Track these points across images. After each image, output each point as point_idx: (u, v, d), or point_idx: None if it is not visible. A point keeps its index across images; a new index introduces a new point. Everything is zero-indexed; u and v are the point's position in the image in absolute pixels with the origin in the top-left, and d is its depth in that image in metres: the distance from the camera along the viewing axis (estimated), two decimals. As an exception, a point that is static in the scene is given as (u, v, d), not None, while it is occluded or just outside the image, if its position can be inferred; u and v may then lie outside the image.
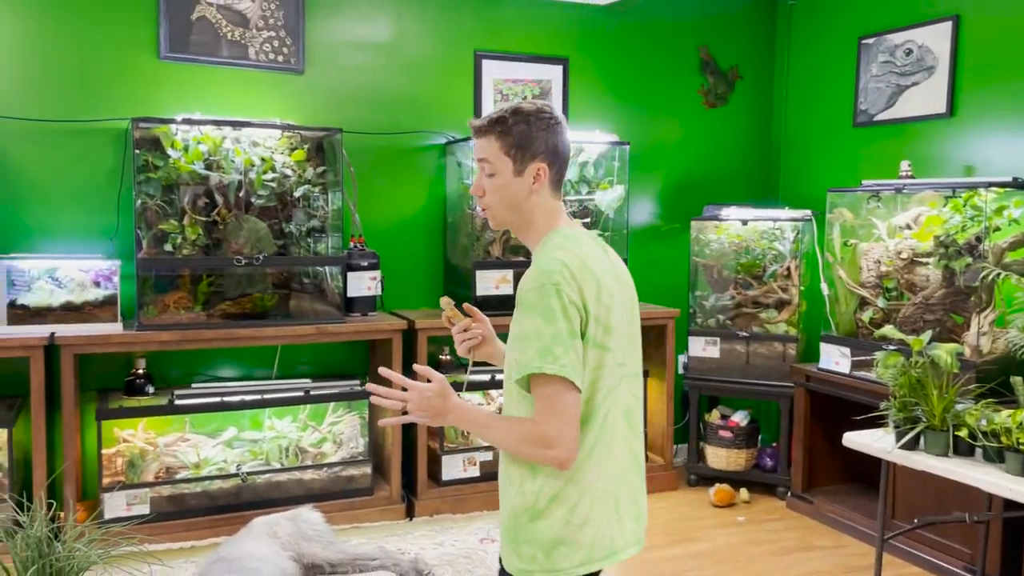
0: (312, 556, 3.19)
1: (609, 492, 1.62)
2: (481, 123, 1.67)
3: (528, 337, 1.53)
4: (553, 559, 1.57)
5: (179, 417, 3.68)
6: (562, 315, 1.52)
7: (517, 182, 1.65)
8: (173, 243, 3.48)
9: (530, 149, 1.64)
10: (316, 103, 3.97)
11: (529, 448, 1.54)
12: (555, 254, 1.58)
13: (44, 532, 1.32)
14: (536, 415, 1.53)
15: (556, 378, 1.51)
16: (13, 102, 3.50)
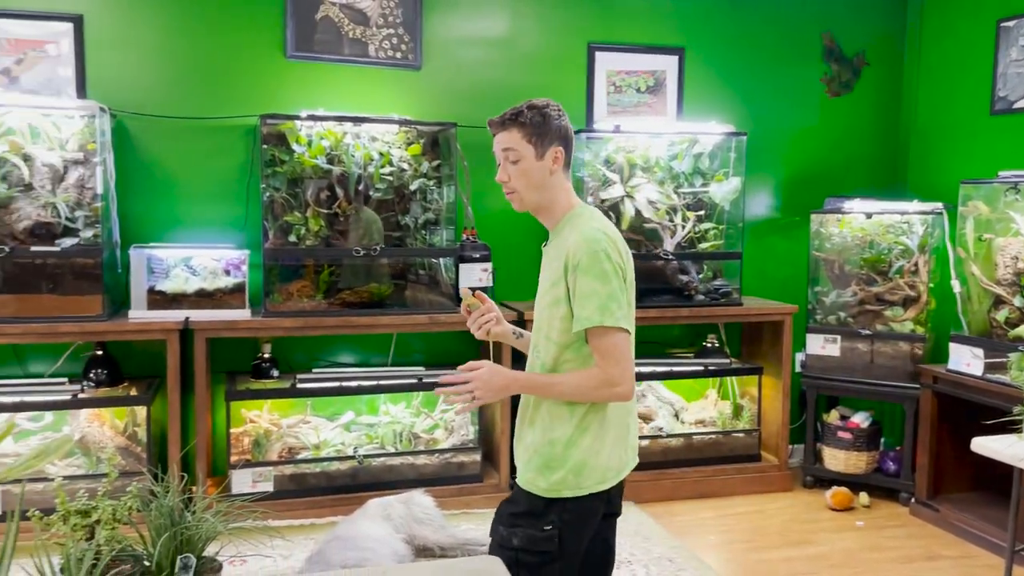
0: (423, 539, 3.28)
1: (622, 423, 1.97)
2: (502, 118, 1.94)
3: (587, 296, 1.83)
4: (580, 479, 1.89)
5: (301, 400, 3.86)
6: (614, 275, 1.84)
7: (539, 165, 1.93)
8: (297, 234, 3.64)
9: (547, 135, 1.92)
10: (432, 98, 4.06)
11: (600, 391, 1.86)
12: (593, 224, 1.90)
13: (176, 502, 1.42)
14: (601, 362, 1.85)
15: (614, 329, 1.83)
16: (154, 101, 3.75)
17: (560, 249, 1.93)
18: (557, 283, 1.91)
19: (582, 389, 1.87)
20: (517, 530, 1.92)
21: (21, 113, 3.36)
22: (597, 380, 1.85)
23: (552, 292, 1.93)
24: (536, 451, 1.94)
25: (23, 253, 3.30)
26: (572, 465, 1.89)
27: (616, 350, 1.84)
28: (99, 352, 3.60)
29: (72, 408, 3.47)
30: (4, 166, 3.32)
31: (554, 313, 1.92)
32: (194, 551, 1.42)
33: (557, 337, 1.93)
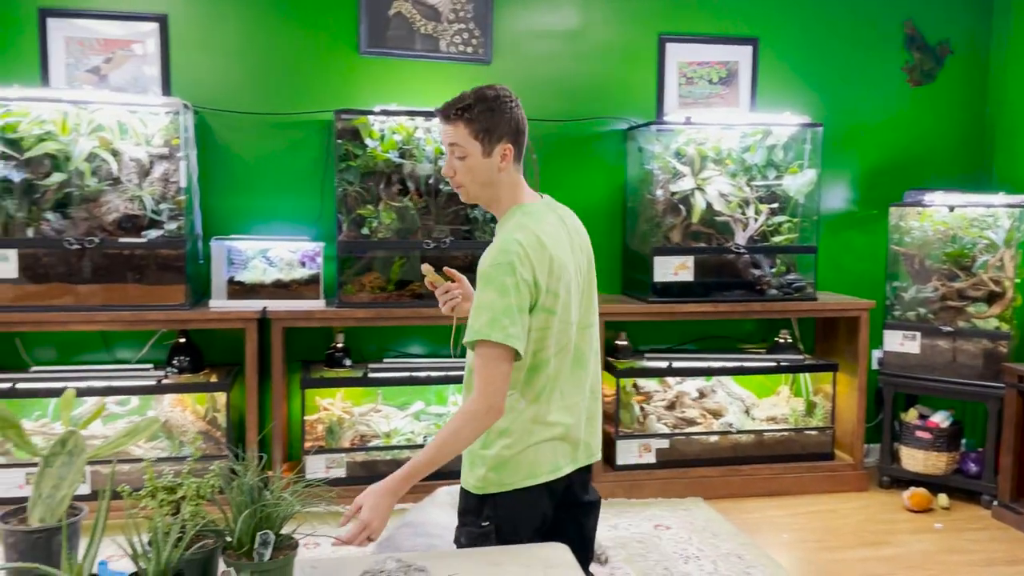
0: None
1: (558, 423, 1.88)
2: (448, 110, 1.83)
3: (482, 307, 1.74)
4: (503, 475, 1.85)
5: (372, 389, 3.94)
6: (514, 291, 1.73)
7: (486, 163, 1.83)
8: (369, 226, 3.71)
9: (496, 132, 1.82)
10: (502, 92, 4.08)
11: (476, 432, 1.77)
12: (515, 235, 1.78)
13: (256, 481, 1.48)
14: (478, 382, 1.74)
15: (499, 346, 1.72)
16: (234, 97, 3.87)
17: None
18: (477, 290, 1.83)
19: (460, 445, 1.77)
20: (463, 529, 1.91)
21: (110, 110, 3.52)
22: (468, 428, 1.75)
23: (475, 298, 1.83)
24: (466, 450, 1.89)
25: (112, 244, 3.46)
26: (491, 463, 1.84)
27: (491, 370, 1.73)
28: (182, 340, 3.74)
29: (157, 393, 3.62)
30: (94, 161, 3.48)
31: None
32: (273, 529, 1.47)
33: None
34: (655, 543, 3.40)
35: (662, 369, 4.01)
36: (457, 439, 1.76)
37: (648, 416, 4.03)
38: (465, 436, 1.76)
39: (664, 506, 3.79)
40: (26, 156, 3.39)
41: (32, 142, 3.40)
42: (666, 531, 3.52)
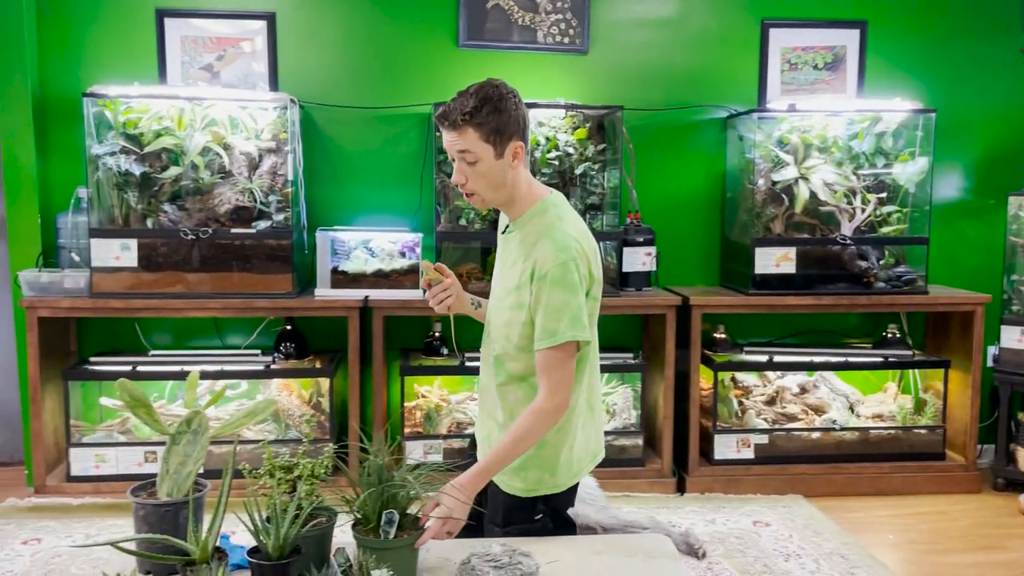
0: (585, 517, 3.32)
1: (593, 410, 1.96)
2: (453, 116, 1.76)
3: (558, 309, 1.76)
4: (556, 478, 1.89)
5: (468, 377, 3.99)
6: (580, 287, 1.78)
7: (499, 164, 1.79)
8: (466, 218, 3.76)
9: (506, 132, 1.77)
10: (598, 82, 4.07)
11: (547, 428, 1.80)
12: (566, 229, 1.81)
13: (384, 462, 1.53)
14: (549, 381, 1.77)
15: (572, 344, 1.77)
16: (337, 92, 3.97)
17: (527, 247, 1.83)
18: (522, 287, 1.83)
19: (531, 432, 1.78)
20: (511, 528, 1.89)
21: (223, 106, 3.67)
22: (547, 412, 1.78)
23: (516, 295, 1.84)
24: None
25: (224, 235, 3.61)
26: (546, 465, 1.87)
27: (566, 368, 1.78)
28: (288, 327, 3.88)
29: (265, 378, 3.77)
30: (208, 155, 3.64)
31: (516, 316, 1.85)
32: (397, 509, 1.52)
33: (516, 341, 1.86)
34: (754, 539, 3.34)
35: (763, 363, 3.93)
36: (530, 436, 1.79)
37: (747, 411, 3.95)
38: (537, 433, 1.79)
39: (763, 502, 3.72)
40: (145, 151, 3.57)
41: (151, 137, 3.58)
42: (765, 528, 3.45)
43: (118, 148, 3.54)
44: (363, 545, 1.53)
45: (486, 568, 1.52)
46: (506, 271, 1.92)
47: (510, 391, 1.91)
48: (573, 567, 1.63)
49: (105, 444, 3.63)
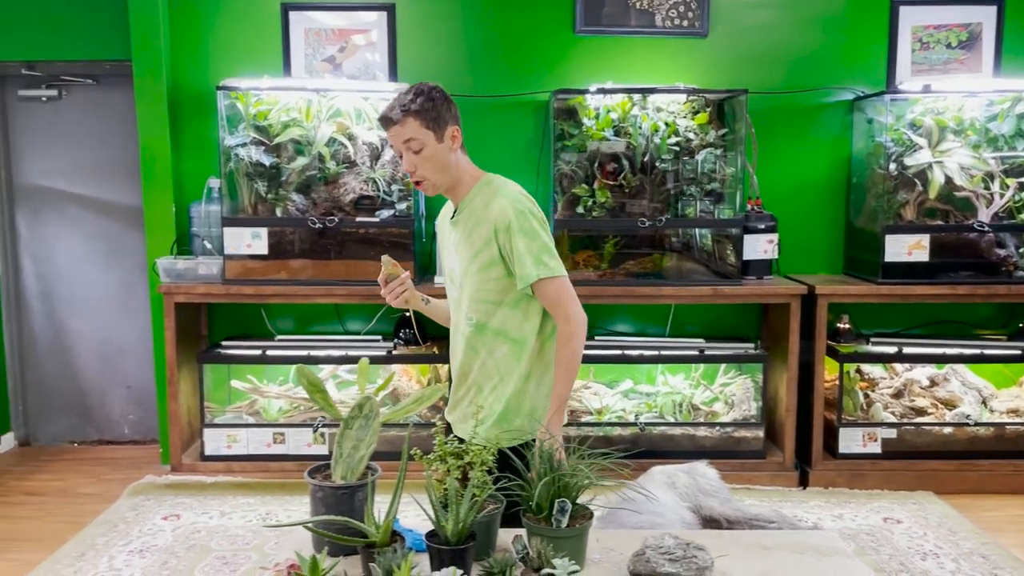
0: (710, 509, 3.27)
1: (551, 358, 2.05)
2: (393, 112, 1.93)
3: (539, 248, 1.95)
4: (534, 424, 2.00)
5: (584, 366, 3.98)
6: (541, 230, 1.97)
7: (442, 148, 1.97)
8: (584, 205, 3.74)
9: (442, 118, 1.96)
10: (719, 65, 3.98)
11: (578, 338, 1.96)
12: (510, 188, 2.01)
13: (555, 450, 1.53)
14: (556, 310, 1.97)
15: (553, 278, 1.95)
16: (453, 81, 3.97)
17: (478, 217, 1.99)
18: (485, 248, 1.98)
19: (573, 354, 1.96)
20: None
21: (347, 97, 3.74)
22: (571, 333, 1.96)
23: (480, 258, 1.99)
24: (495, 411, 2.02)
25: (349, 223, 3.69)
26: (527, 411, 2.03)
27: (563, 294, 1.97)
28: (407, 314, 3.94)
29: (386, 363, 3.85)
30: (333, 145, 3.72)
31: (487, 276, 2.00)
32: (569, 498, 1.53)
33: (494, 297, 2.01)
34: (886, 536, 3.23)
35: (892, 355, 3.80)
36: (577, 357, 1.98)
37: (873, 404, 3.83)
38: (579, 351, 1.99)
39: (891, 498, 3.60)
40: (275, 141, 3.67)
41: (279, 129, 3.69)
42: (897, 525, 3.34)
43: (249, 139, 3.65)
44: (536, 533, 1.54)
45: (661, 560, 1.51)
46: (461, 249, 2.04)
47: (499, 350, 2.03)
48: (744, 562, 1.60)
49: (236, 425, 3.77)
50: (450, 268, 2.12)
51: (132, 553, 3.07)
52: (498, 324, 2.02)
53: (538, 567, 1.45)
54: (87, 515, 3.45)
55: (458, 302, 2.10)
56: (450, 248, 2.10)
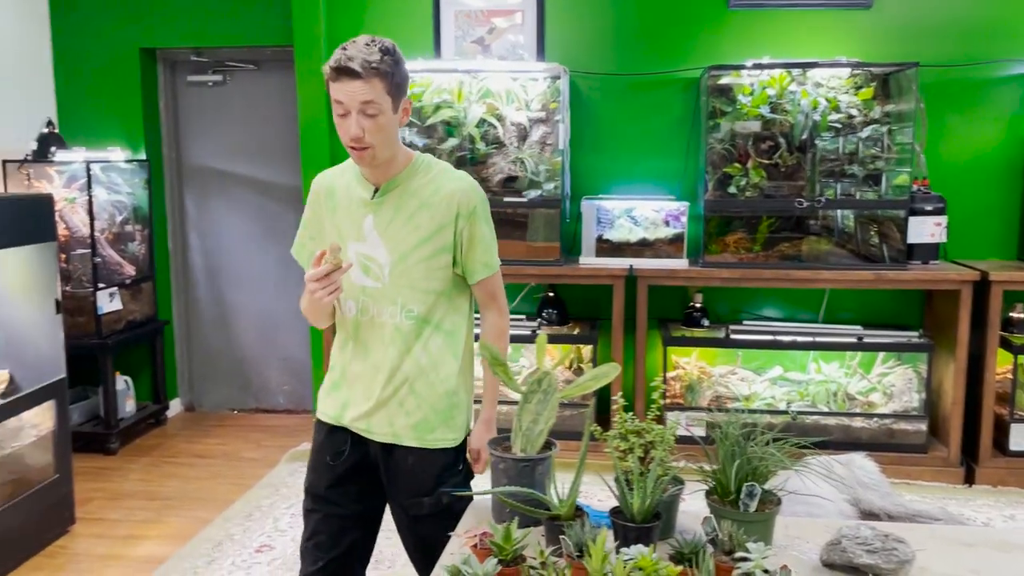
0: (869, 503, 3.14)
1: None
2: (362, 67, 1.65)
3: (489, 241, 1.85)
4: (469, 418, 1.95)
5: (727, 350, 3.89)
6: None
7: (395, 119, 1.73)
8: (736, 185, 3.64)
9: (403, 87, 1.73)
10: (883, 37, 3.77)
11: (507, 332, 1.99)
12: (459, 171, 1.86)
13: (739, 433, 1.50)
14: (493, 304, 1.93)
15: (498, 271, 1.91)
16: (601, 59, 3.96)
17: (423, 199, 1.79)
18: (438, 233, 1.78)
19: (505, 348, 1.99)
20: (442, 490, 1.86)
21: (496, 78, 3.77)
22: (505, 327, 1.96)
23: (432, 243, 1.78)
24: (433, 408, 1.86)
25: (497, 204, 3.72)
26: (465, 406, 1.93)
27: (501, 286, 1.94)
28: (551, 294, 3.96)
29: (531, 342, 3.87)
30: (483, 126, 3.76)
31: (436, 263, 1.80)
32: (759, 482, 1.49)
33: (439, 286, 1.82)
34: (1068, 542, 3.01)
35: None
36: (507, 351, 1.99)
37: (1050, 399, 3.57)
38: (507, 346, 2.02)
39: (1072, 502, 3.35)
40: (426, 123, 3.75)
41: (431, 110, 3.76)
42: (1080, 530, 3.11)
43: (402, 121, 3.73)
44: (725, 516, 1.51)
45: (858, 551, 1.45)
46: (394, 232, 1.79)
47: (432, 342, 1.84)
48: (946, 558, 1.52)
49: (386, 398, 3.89)
50: (362, 254, 1.81)
51: (295, 516, 3.23)
52: (439, 316, 1.84)
53: (729, 550, 1.42)
54: (250, 478, 3.65)
55: (381, 293, 1.81)
56: (363, 230, 1.80)
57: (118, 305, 4.07)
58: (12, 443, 3.00)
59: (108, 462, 3.89)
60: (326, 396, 1.93)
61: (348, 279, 1.80)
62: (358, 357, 1.86)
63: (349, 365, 1.88)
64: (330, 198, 1.85)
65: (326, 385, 1.93)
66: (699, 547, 1.43)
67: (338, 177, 1.87)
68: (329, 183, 1.87)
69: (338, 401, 1.89)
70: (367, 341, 1.84)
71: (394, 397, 1.83)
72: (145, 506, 3.41)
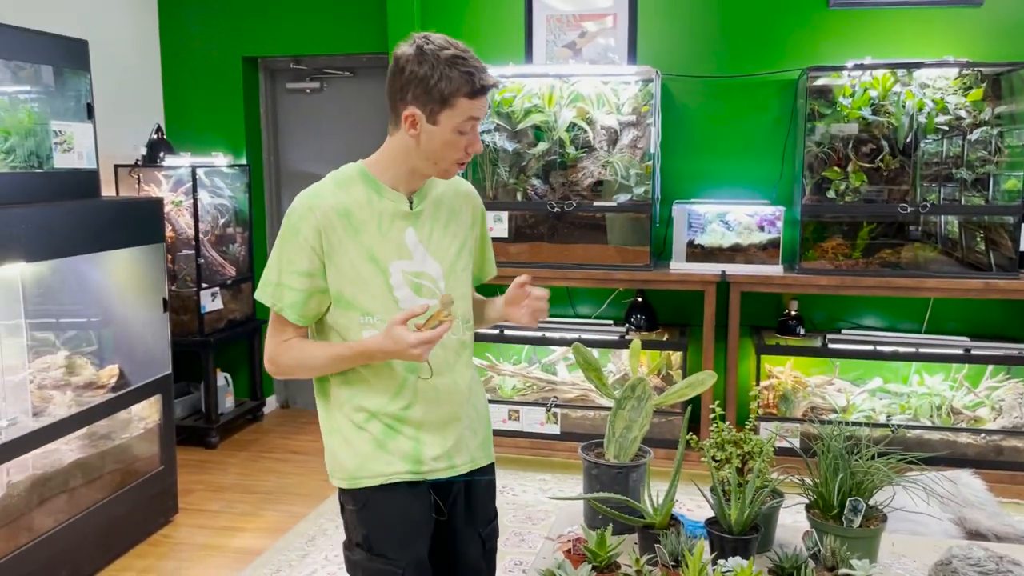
0: (975, 523, 2.99)
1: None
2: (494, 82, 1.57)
3: (489, 243, 1.81)
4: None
5: (824, 360, 3.77)
6: None
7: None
8: (836, 189, 3.52)
9: None
10: (995, 36, 3.60)
11: None
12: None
13: (842, 446, 1.45)
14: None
15: None
16: (693, 62, 3.89)
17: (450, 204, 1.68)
18: (468, 238, 1.71)
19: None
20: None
21: (587, 82, 3.76)
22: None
23: (467, 247, 1.70)
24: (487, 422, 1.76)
25: (586, 207, 3.72)
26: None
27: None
28: (639, 299, 3.92)
29: (618, 347, 3.84)
30: (573, 130, 3.76)
31: (469, 268, 1.72)
32: (863, 497, 1.44)
33: (469, 292, 1.73)
34: None
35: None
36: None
37: None
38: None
39: None
40: (517, 128, 3.77)
41: (521, 115, 3.77)
42: None
43: (493, 126, 3.77)
44: (828, 531, 1.47)
45: (970, 572, 1.39)
46: (438, 243, 1.64)
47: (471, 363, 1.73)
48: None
49: (474, 401, 3.93)
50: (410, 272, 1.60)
51: (385, 514, 3.29)
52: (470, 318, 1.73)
53: (832, 566, 1.38)
54: (342, 475, 3.73)
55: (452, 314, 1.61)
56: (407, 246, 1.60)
57: (219, 304, 4.23)
58: (121, 435, 3.15)
59: (208, 455, 4.05)
60: (377, 453, 1.59)
61: (397, 306, 1.57)
62: (421, 391, 1.60)
63: (411, 405, 1.60)
64: (346, 219, 1.56)
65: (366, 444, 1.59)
66: (801, 562, 1.39)
67: (340, 195, 1.58)
68: (336, 204, 1.56)
69: (403, 450, 1.60)
70: (434, 368, 1.60)
71: (466, 419, 1.67)
72: (243, 499, 3.54)
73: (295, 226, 1.55)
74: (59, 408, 2.86)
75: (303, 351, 1.61)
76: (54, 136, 2.83)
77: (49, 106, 2.87)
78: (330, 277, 1.56)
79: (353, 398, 1.60)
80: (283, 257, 1.57)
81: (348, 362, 1.56)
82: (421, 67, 1.51)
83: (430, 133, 1.52)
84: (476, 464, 1.68)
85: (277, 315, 1.61)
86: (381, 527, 1.58)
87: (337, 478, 1.62)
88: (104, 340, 3.23)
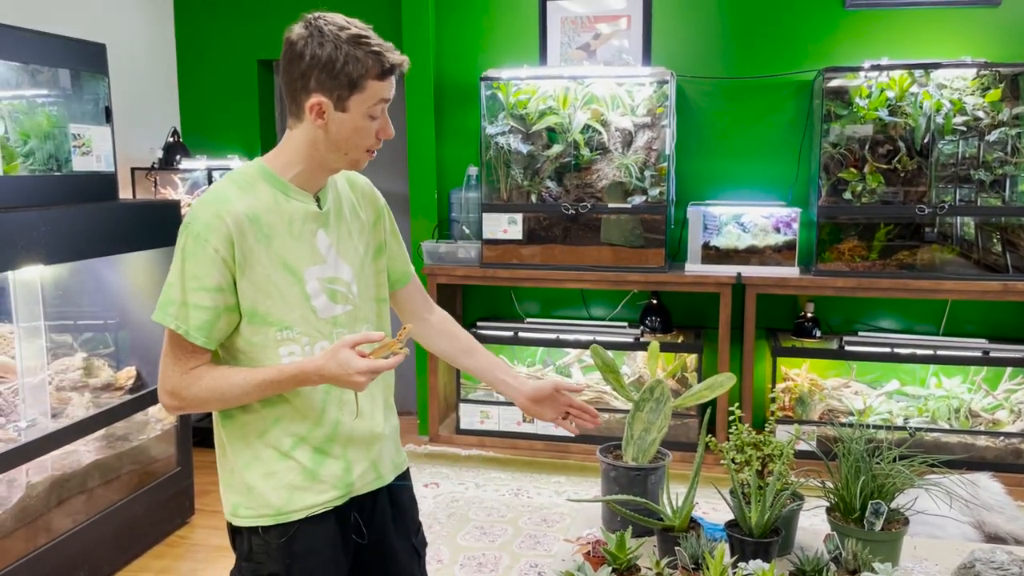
0: (994, 526, 2.96)
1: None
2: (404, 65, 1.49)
3: (402, 243, 1.69)
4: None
5: (840, 362, 3.75)
6: None
7: None
8: (852, 191, 3.51)
9: None
10: (1013, 36, 3.57)
11: None
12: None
13: (863, 449, 1.44)
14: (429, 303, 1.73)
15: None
16: (709, 63, 3.88)
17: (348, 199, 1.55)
18: (373, 232, 1.59)
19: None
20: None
21: (602, 84, 3.75)
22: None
23: (371, 245, 1.58)
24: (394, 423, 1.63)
25: (601, 210, 3.71)
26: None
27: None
28: (654, 301, 3.91)
29: (633, 350, 3.84)
30: (587, 132, 3.75)
31: (378, 268, 1.60)
32: (885, 500, 1.43)
33: (384, 293, 1.61)
34: None
35: None
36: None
37: None
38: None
39: None
40: (532, 130, 3.77)
41: (535, 117, 3.77)
42: None
43: (507, 128, 3.77)
44: (850, 534, 1.46)
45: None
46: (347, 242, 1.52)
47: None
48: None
49: (488, 402, 3.93)
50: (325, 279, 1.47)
51: (400, 515, 3.29)
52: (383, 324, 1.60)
53: (853, 570, 1.37)
54: (357, 477, 3.74)
55: (353, 315, 1.51)
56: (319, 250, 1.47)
57: (235, 306, 4.25)
58: (139, 436, 3.17)
59: (224, 457, 4.06)
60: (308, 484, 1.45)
61: (316, 316, 1.45)
62: (345, 404, 1.48)
63: (337, 424, 1.47)
64: (256, 226, 1.40)
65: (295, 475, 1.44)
66: (822, 565, 1.38)
67: (247, 199, 1.42)
68: (246, 210, 1.40)
69: (335, 474, 1.47)
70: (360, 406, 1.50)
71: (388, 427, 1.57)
72: (258, 500, 3.54)
73: (201, 236, 1.36)
74: (77, 409, 2.88)
75: (217, 379, 1.39)
76: (72, 139, 2.85)
77: (67, 109, 2.90)
78: (242, 291, 1.39)
79: (278, 423, 1.44)
80: (188, 272, 1.38)
81: (276, 388, 1.39)
82: (323, 49, 1.39)
83: (339, 121, 1.40)
84: (399, 469, 1.60)
85: (178, 341, 1.40)
86: (307, 556, 1.45)
87: (254, 516, 1.43)
88: (121, 342, 3.24)
